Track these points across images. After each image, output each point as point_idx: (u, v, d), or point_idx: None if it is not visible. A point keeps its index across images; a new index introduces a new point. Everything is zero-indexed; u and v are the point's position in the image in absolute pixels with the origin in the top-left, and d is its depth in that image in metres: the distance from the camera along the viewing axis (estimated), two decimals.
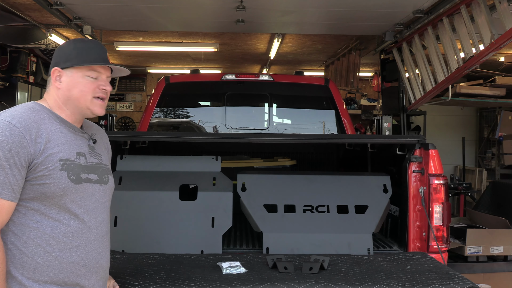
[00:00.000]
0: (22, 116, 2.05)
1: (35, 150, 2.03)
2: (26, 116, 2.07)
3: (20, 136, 2.00)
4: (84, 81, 2.19)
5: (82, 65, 2.18)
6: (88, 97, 2.19)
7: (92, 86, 2.19)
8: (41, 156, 2.03)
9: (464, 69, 5.74)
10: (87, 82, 2.19)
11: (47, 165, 2.03)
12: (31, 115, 2.09)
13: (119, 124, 13.07)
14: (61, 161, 2.07)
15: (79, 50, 2.21)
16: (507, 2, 4.84)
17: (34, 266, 2.03)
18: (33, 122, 2.06)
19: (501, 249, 4.98)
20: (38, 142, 2.04)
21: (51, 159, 2.05)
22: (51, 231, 2.05)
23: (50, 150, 2.06)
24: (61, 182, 2.05)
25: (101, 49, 2.26)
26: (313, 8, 6.32)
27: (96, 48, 2.24)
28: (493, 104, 8.87)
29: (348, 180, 3.86)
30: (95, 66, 2.20)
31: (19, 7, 6.77)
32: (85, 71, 2.19)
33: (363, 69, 11.11)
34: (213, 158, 3.81)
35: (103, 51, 2.27)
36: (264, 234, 3.53)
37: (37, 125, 2.07)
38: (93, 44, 2.27)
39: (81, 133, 2.26)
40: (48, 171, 2.03)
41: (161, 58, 11.13)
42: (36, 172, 2.02)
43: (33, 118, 2.08)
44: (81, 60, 2.18)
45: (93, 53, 2.21)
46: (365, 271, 2.97)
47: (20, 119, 2.04)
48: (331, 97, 5.75)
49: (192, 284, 2.67)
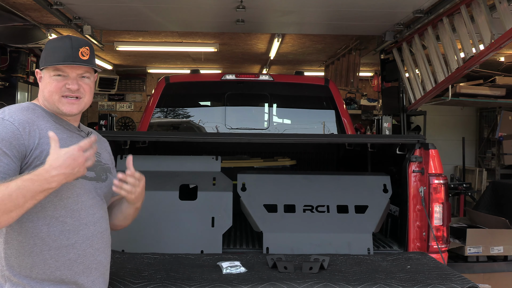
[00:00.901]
0: (16, 114, 2.09)
1: (29, 142, 2.04)
2: (20, 113, 2.10)
3: (13, 129, 2.03)
4: (51, 81, 2.20)
5: (46, 65, 2.20)
6: (55, 96, 2.20)
7: (58, 85, 2.19)
8: (36, 150, 2.05)
9: (464, 69, 5.75)
10: (53, 82, 2.20)
11: (42, 160, 2.04)
12: (25, 113, 2.12)
13: (119, 124, 13.07)
14: None
15: (48, 50, 2.23)
16: (507, 2, 4.84)
17: (31, 264, 2.04)
18: (27, 118, 2.09)
19: (501, 249, 4.98)
20: (32, 136, 2.06)
21: (46, 154, 2.04)
22: (47, 229, 2.06)
23: (45, 145, 2.06)
24: None
25: (70, 48, 2.19)
26: (313, 8, 6.32)
27: (64, 47, 2.19)
28: (493, 104, 8.87)
29: (348, 180, 3.85)
30: (59, 65, 2.18)
31: (19, 7, 6.77)
32: (51, 72, 2.20)
33: (363, 69, 11.11)
34: (213, 158, 3.80)
35: (74, 49, 2.20)
36: (264, 234, 3.53)
37: (32, 121, 2.10)
38: (63, 42, 2.21)
39: (77, 131, 2.28)
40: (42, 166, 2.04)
41: (161, 58, 11.13)
42: (32, 167, 2.03)
43: (27, 115, 2.11)
44: (48, 60, 2.20)
45: (59, 53, 2.18)
46: (365, 271, 2.97)
47: (14, 115, 2.08)
48: (331, 97, 5.75)
49: (192, 284, 2.67)
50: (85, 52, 2.21)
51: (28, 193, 1.86)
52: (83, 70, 2.23)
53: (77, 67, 2.21)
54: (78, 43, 2.22)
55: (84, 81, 2.24)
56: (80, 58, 2.19)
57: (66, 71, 2.20)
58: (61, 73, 2.19)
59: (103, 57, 11.11)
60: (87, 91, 2.25)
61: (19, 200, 1.85)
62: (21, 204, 1.87)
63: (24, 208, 1.89)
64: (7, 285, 2.04)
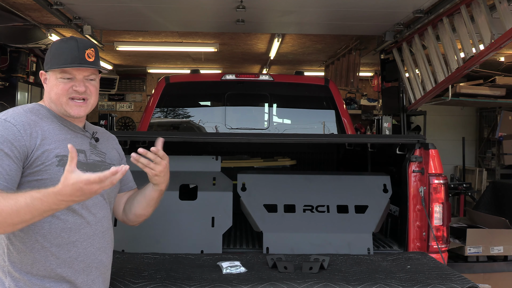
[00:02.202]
0: (18, 115, 2.10)
1: (30, 144, 2.05)
2: (23, 115, 2.12)
3: (14, 131, 2.04)
4: (58, 83, 2.20)
5: (53, 68, 2.20)
6: (62, 99, 2.20)
7: (65, 87, 2.19)
8: (37, 151, 2.06)
9: (464, 69, 5.75)
10: (60, 84, 2.20)
11: (44, 160, 2.06)
12: (28, 114, 2.14)
13: (119, 124, 13.08)
14: (58, 157, 2.09)
15: (54, 52, 2.22)
16: (507, 2, 4.84)
17: (32, 261, 2.06)
18: (29, 120, 2.10)
19: (501, 249, 4.98)
20: (34, 137, 2.07)
21: (48, 155, 2.08)
22: (48, 227, 2.07)
23: (47, 146, 2.08)
24: (57, 178, 2.05)
25: (76, 49, 2.19)
26: (313, 8, 6.32)
27: (70, 48, 2.19)
28: (493, 104, 8.87)
29: (348, 180, 3.85)
30: (66, 68, 2.18)
31: (19, 7, 6.77)
32: (57, 74, 2.20)
33: (363, 69, 11.11)
34: (213, 158, 3.81)
35: (80, 50, 2.19)
36: (264, 234, 3.53)
37: (34, 123, 2.11)
38: (68, 44, 2.21)
39: (81, 132, 2.30)
40: (44, 166, 2.06)
41: (161, 58, 11.13)
42: (33, 167, 2.05)
43: (30, 117, 2.13)
44: (54, 63, 2.19)
45: (65, 55, 2.18)
46: (365, 271, 2.97)
47: (15, 117, 2.09)
48: (331, 97, 5.75)
49: (192, 284, 2.68)
50: (91, 54, 2.22)
51: (36, 212, 1.88)
52: (90, 72, 2.24)
53: (84, 69, 2.21)
54: (84, 44, 2.22)
55: (90, 83, 2.25)
56: (86, 60, 2.20)
57: (73, 73, 2.20)
58: (68, 75, 2.20)
59: (103, 57, 11.11)
60: (93, 92, 2.27)
61: (27, 216, 1.88)
62: (27, 220, 1.90)
63: (30, 222, 1.93)
64: (7, 280, 2.06)
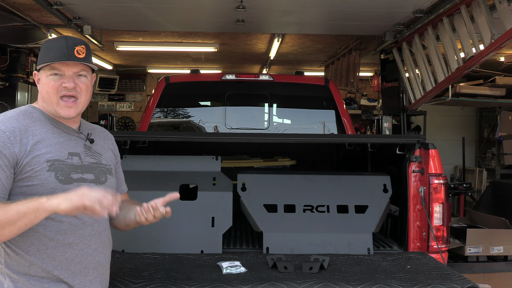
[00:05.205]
0: (8, 121, 2.08)
1: (20, 150, 2.04)
2: (14, 120, 2.09)
3: (4, 138, 2.02)
4: (48, 81, 2.17)
5: (40, 64, 2.17)
6: (53, 98, 2.16)
7: (55, 85, 2.16)
8: (27, 157, 2.04)
9: (464, 69, 5.74)
10: (50, 82, 2.16)
11: (34, 166, 2.05)
12: (20, 118, 2.11)
13: (119, 124, 13.07)
14: (49, 161, 2.08)
15: (44, 50, 2.19)
16: (507, 2, 4.84)
17: (29, 263, 2.06)
18: (20, 125, 2.08)
19: (501, 249, 4.98)
20: (24, 143, 2.05)
21: (38, 160, 2.06)
22: (43, 230, 2.07)
23: (37, 151, 2.07)
24: (48, 183, 2.06)
25: (65, 46, 2.15)
26: (313, 8, 6.32)
27: (59, 45, 2.15)
28: (493, 104, 8.86)
29: (348, 180, 3.86)
30: (54, 63, 2.14)
31: (19, 7, 6.77)
32: (47, 71, 2.17)
33: (363, 69, 11.10)
34: (213, 158, 3.80)
35: (69, 47, 2.15)
36: (264, 234, 3.53)
37: (25, 128, 2.09)
38: (58, 42, 2.18)
39: (76, 134, 2.26)
40: (34, 172, 2.05)
41: (161, 58, 11.12)
42: (23, 173, 2.04)
43: (22, 122, 2.10)
44: (43, 60, 2.17)
45: (54, 51, 2.15)
46: (365, 271, 2.97)
47: (6, 123, 2.07)
48: (331, 97, 5.75)
49: (192, 284, 2.68)
50: (81, 50, 2.17)
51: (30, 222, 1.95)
52: (79, 68, 2.19)
53: (73, 65, 2.16)
54: (74, 42, 2.18)
55: (80, 80, 2.20)
56: (75, 56, 2.15)
57: (62, 70, 2.16)
58: (57, 71, 2.16)
59: (103, 57, 11.10)
60: (84, 90, 2.21)
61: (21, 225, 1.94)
62: (22, 228, 1.95)
63: (25, 229, 1.97)
64: (7, 282, 2.06)
